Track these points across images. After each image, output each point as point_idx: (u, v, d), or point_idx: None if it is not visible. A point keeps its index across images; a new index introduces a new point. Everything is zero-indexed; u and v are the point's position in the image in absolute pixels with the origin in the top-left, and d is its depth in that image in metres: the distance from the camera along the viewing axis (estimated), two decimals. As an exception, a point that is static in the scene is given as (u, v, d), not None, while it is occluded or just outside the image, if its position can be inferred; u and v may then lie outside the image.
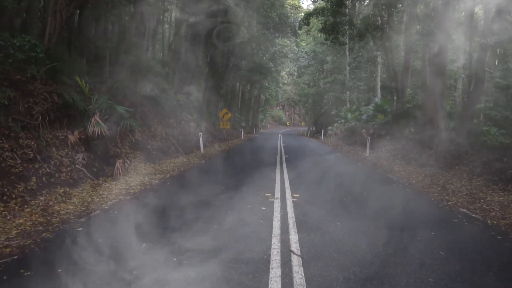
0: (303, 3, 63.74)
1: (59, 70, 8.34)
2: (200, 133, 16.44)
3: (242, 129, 33.78)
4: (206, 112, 22.67)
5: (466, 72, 19.51)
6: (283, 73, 54.72)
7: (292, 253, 3.94)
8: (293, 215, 5.52)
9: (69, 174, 7.14)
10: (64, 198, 6.28)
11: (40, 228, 4.87)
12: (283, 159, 13.47)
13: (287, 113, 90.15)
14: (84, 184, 7.30)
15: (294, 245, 4.19)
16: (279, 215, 5.48)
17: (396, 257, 3.91)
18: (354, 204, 6.43)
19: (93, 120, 7.85)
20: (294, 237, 4.46)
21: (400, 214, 5.83)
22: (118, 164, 8.34)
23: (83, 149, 8.19)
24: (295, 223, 5.09)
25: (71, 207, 5.97)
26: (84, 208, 5.97)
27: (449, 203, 6.75)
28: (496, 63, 22.39)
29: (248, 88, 45.38)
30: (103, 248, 3.98)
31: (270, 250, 4.01)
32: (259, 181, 8.69)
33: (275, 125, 78.07)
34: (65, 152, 7.52)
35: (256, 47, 32.02)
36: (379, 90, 26.00)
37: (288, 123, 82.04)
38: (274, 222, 5.10)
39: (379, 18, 19.79)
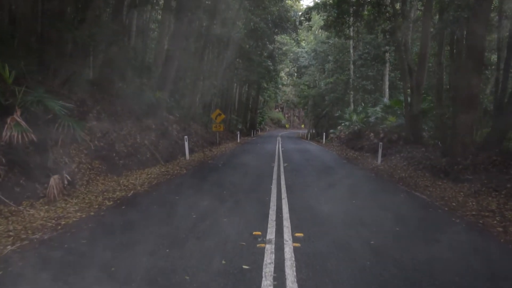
0: (303, 2, 61.64)
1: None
2: (186, 137, 14.14)
3: (239, 132, 31.62)
4: (196, 113, 20.39)
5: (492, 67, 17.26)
6: (282, 73, 52.80)
7: None
8: (296, 286, 3.21)
9: (-38, 200, 4.85)
10: None
11: None
12: (281, 169, 11.17)
13: (286, 115, 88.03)
14: (-12, 214, 5.02)
15: None
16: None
17: None
18: (390, 254, 4.12)
19: (9, 121, 5.54)
20: None
21: (463, 270, 3.56)
22: (52, 181, 6.02)
23: (4, 161, 5.90)
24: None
25: None
26: (-44, 263, 3.67)
27: (529, 247, 4.48)
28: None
29: (246, 88, 43.28)
30: None
31: None
32: (247, 204, 6.41)
33: (274, 127, 75.83)
34: (-34, 167, 5.24)
35: (253, 43, 29.90)
36: (387, 90, 23.83)
37: (287, 126, 79.78)
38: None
39: (389, 8, 17.64)
